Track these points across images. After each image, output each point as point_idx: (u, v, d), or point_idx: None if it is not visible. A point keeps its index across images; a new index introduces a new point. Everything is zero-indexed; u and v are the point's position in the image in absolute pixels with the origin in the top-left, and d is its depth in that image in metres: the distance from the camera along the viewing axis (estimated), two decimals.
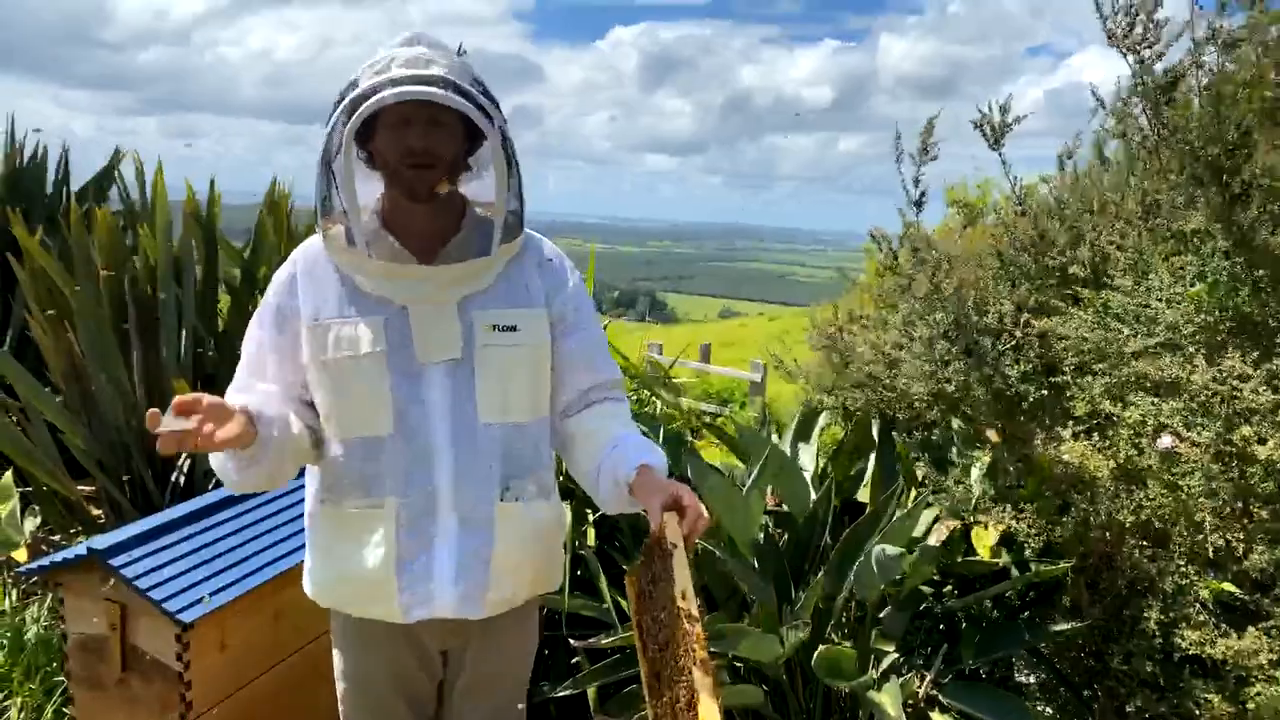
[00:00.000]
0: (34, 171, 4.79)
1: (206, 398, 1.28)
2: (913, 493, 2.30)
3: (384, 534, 1.51)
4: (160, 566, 1.93)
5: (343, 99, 1.43)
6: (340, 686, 1.68)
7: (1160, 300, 2.00)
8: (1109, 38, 2.10)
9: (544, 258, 1.62)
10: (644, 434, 1.64)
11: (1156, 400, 1.89)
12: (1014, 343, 2.24)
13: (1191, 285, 2.01)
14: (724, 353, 14.54)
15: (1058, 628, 2.02)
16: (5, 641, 2.54)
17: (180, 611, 1.86)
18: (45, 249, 3.44)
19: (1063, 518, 2.04)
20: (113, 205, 4.55)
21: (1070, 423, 2.09)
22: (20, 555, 2.62)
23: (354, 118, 1.39)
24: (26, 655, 2.51)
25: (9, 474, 2.79)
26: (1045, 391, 2.17)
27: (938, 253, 2.39)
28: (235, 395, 1.48)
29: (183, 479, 3.24)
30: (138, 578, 1.87)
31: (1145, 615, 1.88)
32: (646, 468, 1.48)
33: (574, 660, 2.42)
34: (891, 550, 1.98)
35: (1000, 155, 2.30)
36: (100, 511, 3.32)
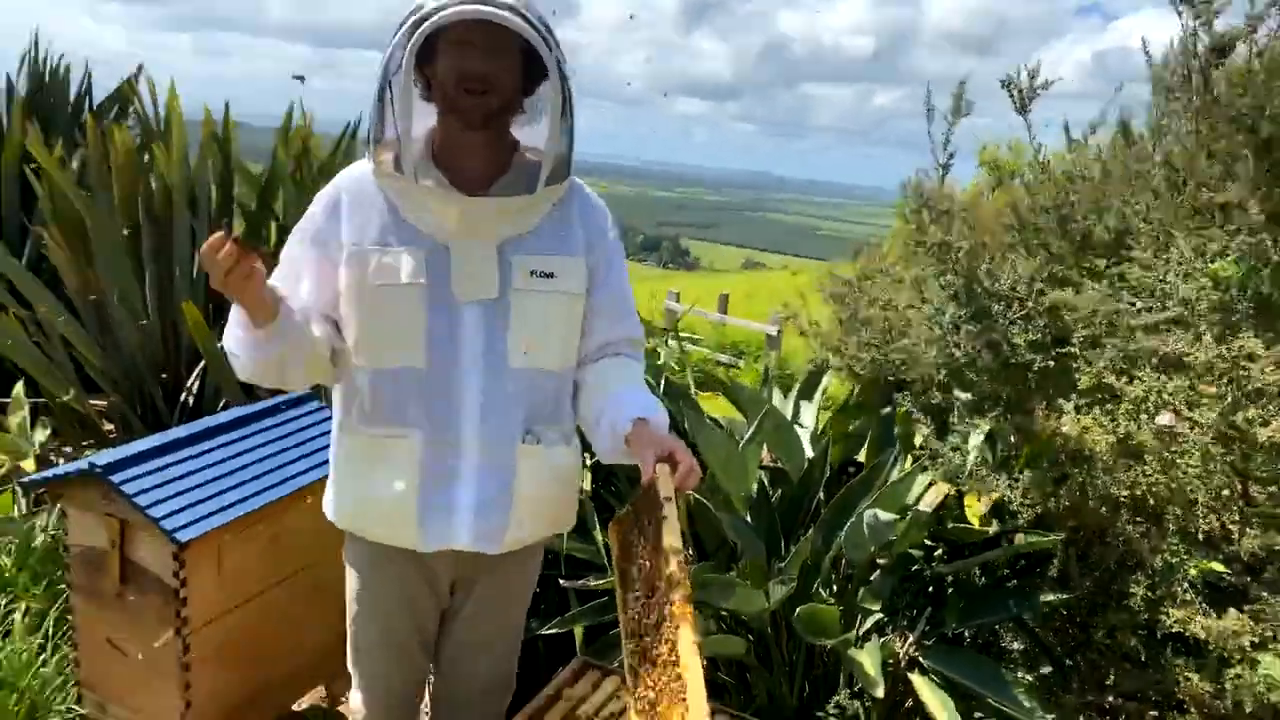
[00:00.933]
0: (55, 87, 4.77)
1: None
2: (908, 457, 2.29)
3: (408, 464, 1.53)
4: (161, 485, 1.96)
5: (405, 21, 1.42)
6: (352, 608, 1.73)
7: (1177, 275, 1.96)
8: None
9: (588, 206, 1.61)
10: (651, 389, 1.64)
11: (1161, 377, 1.86)
12: (1025, 311, 2.20)
13: (1213, 261, 1.96)
14: (744, 304, 14.47)
15: (1044, 598, 2.02)
16: (13, 547, 2.61)
17: (177, 530, 1.89)
18: (63, 167, 3.44)
19: (1058, 489, 2.03)
20: (133, 125, 4.53)
21: (1074, 395, 2.06)
22: (29, 465, 2.67)
23: (416, 34, 1.38)
24: (34, 561, 2.58)
25: (20, 385, 2.83)
26: (1052, 362, 2.14)
27: (952, 208, 2.34)
28: None
29: (191, 399, 3.28)
30: (137, 495, 1.89)
31: (1132, 591, 1.87)
32: (643, 420, 1.49)
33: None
34: (884, 515, 1.98)
35: (1026, 120, 2.25)
36: (111, 426, 3.37)
